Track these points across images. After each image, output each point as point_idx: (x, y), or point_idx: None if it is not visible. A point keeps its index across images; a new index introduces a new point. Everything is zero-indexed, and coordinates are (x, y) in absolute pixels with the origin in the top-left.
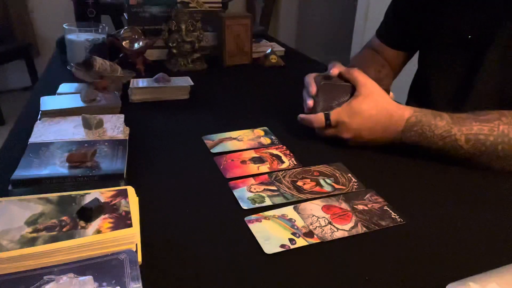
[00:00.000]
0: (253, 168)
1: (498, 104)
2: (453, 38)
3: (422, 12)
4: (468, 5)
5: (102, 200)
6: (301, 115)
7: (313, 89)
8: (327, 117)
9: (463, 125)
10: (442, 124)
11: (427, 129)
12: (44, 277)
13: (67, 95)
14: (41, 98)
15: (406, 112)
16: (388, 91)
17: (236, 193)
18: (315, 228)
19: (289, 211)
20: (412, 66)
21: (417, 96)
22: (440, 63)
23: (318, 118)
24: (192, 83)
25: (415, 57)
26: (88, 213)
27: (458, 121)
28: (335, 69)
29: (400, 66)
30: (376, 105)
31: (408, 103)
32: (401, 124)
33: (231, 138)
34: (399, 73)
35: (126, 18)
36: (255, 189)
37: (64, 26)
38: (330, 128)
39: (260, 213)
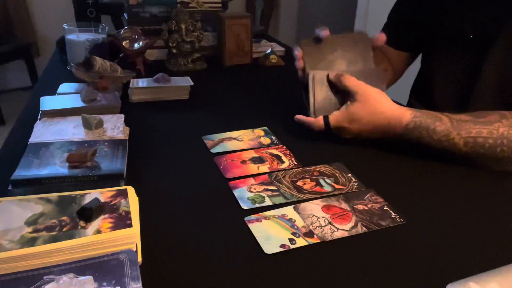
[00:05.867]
0: (253, 168)
1: (500, 103)
2: (456, 38)
3: (425, 12)
4: (470, 5)
5: (102, 200)
6: (299, 117)
7: (299, 54)
8: (326, 121)
9: (462, 129)
10: (440, 129)
11: (425, 134)
12: (44, 277)
13: (67, 95)
14: (41, 98)
15: (405, 118)
16: (384, 88)
17: (236, 193)
18: (315, 228)
19: (289, 211)
20: (414, 65)
21: (419, 96)
22: (443, 62)
23: (318, 122)
24: (192, 83)
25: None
26: (88, 213)
27: (457, 125)
28: (326, 31)
29: (403, 67)
30: (374, 111)
31: (410, 102)
32: (399, 129)
33: (231, 138)
34: (402, 74)
35: (126, 18)
36: (255, 189)
37: (64, 26)
38: (331, 131)
39: (260, 213)
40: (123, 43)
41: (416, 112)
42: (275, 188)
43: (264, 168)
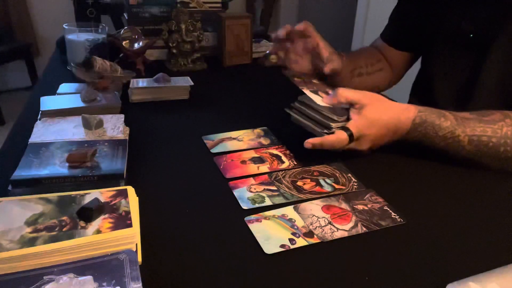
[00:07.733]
0: (253, 168)
1: (502, 103)
2: (456, 38)
3: (425, 12)
4: (470, 4)
5: (102, 200)
6: (313, 141)
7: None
8: (348, 131)
9: (467, 126)
10: (446, 125)
11: (431, 129)
12: (44, 277)
13: (67, 95)
14: (41, 98)
15: (411, 113)
16: (380, 89)
17: (236, 193)
18: (315, 228)
19: (289, 211)
20: (414, 65)
21: (420, 96)
22: (443, 63)
23: (340, 138)
24: (192, 83)
25: None
26: (88, 213)
27: (462, 122)
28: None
29: (404, 68)
30: (385, 109)
31: (410, 102)
32: (408, 125)
33: (231, 138)
34: (403, 75)
35: (126, 18)
36: (255, 189)
37: (64, 26)
38: (351, 143)
39: (260, 213)
40: (123, 43)
41: (420, 107)
42: (275, 188)
43: (264, 168)
